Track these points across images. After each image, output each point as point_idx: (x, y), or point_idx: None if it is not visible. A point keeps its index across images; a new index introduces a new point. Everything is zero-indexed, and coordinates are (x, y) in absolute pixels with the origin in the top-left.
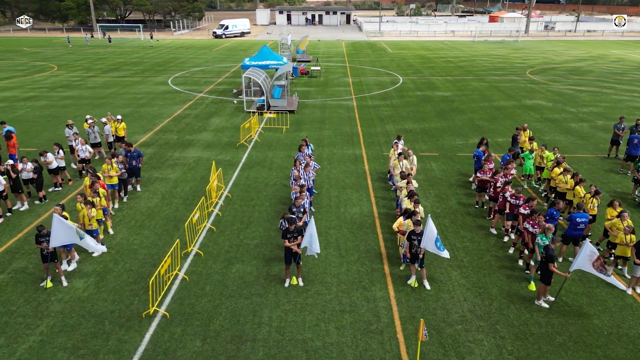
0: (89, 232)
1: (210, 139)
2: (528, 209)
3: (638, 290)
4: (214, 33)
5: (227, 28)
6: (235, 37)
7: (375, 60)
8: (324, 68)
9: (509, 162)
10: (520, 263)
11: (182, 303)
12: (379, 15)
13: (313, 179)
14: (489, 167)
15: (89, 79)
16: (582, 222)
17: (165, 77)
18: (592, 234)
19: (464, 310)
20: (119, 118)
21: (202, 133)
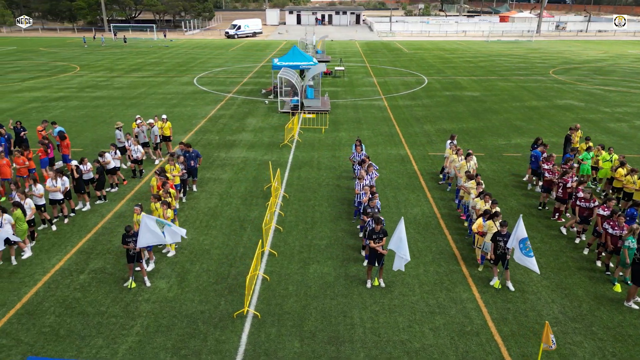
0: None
1: (252, 139)
2: (607, 210)
3: None
4: (227, 33)
5: (239, 28)
6: (247, 37)
7: (395, 60)
8: (345, 68)
9: (568, 160)
10: (599, 264)
11: (269, 303)
12: (390, 15)
13: (374, 180)
14: (561, 167)
15: (114, 79)
16: None
17: (190, 77)
18: None
19: (555, 312)
20: (164, 117)
21: (241, 133)
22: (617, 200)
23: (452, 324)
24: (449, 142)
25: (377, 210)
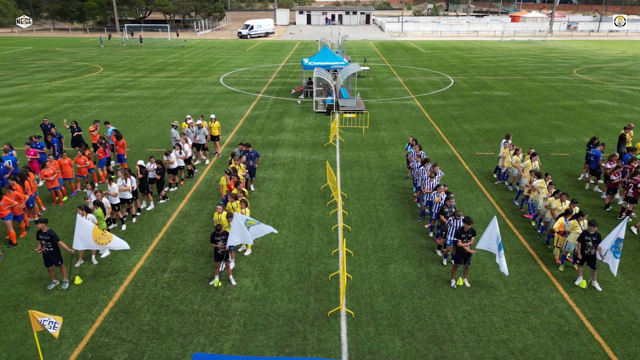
0: None
1: (294, 139)
2: None
3: None
4: (239, 33)
5: (252, 28)
6: (260, 37)
7: (415, 60)
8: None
9: (632, 160)
10: None
11: (358, 302)
12: (401, 15)
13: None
14: (624, 167)
15: (141, 79)
16: None
17: (215, 77)
18: None
19: None
20: (213, 117)
21: (282, 133)
22: None
23: (548, 324)
24: (504, 141)
25: (453, 210)
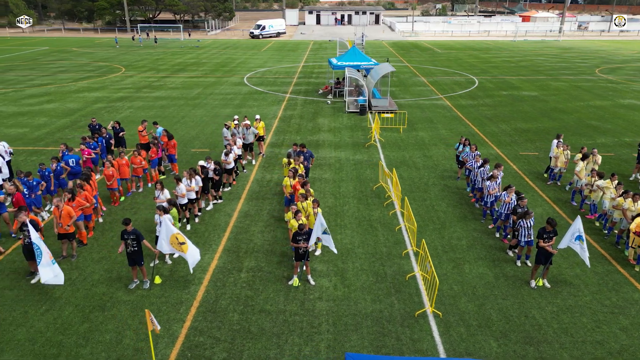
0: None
1: (334, 140)
2: None
3: None
4: (251, 33)
5: (263, 28)
6: (271, 37)
7: (433, 60)
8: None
9: None
10: None
11: (442, 303)
12: (412, 15)
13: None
14: None
15: (165, 80)
16: None
17: (238, 77)
18: None
19: None
20: (257, 117)
21: (320, 134)
22: None
23: (639, 325)
24: (557, 141)
25: (526, 210)
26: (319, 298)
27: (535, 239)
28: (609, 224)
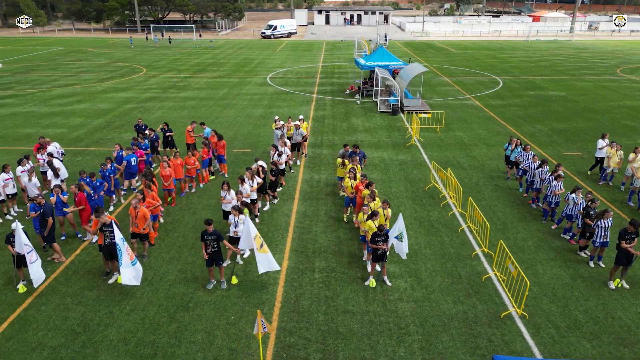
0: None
1: (372, 140)
2: None
3: None
4: (263, 33)
5: (275, 28)
6: (282, 37)
7: (451, 60)
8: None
9: None
10: None
11: (525, 304)
12: (417, 15)
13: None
14: None
15: (189, 80)
16: None
17: (261, 78)
18: None
19: None
20: (301, 118)
21: (356, 134)
22: None
23: None
24: (602, 141)
25: (605, 209)
26: (399, 299)
27: (616, 240)
28: None
